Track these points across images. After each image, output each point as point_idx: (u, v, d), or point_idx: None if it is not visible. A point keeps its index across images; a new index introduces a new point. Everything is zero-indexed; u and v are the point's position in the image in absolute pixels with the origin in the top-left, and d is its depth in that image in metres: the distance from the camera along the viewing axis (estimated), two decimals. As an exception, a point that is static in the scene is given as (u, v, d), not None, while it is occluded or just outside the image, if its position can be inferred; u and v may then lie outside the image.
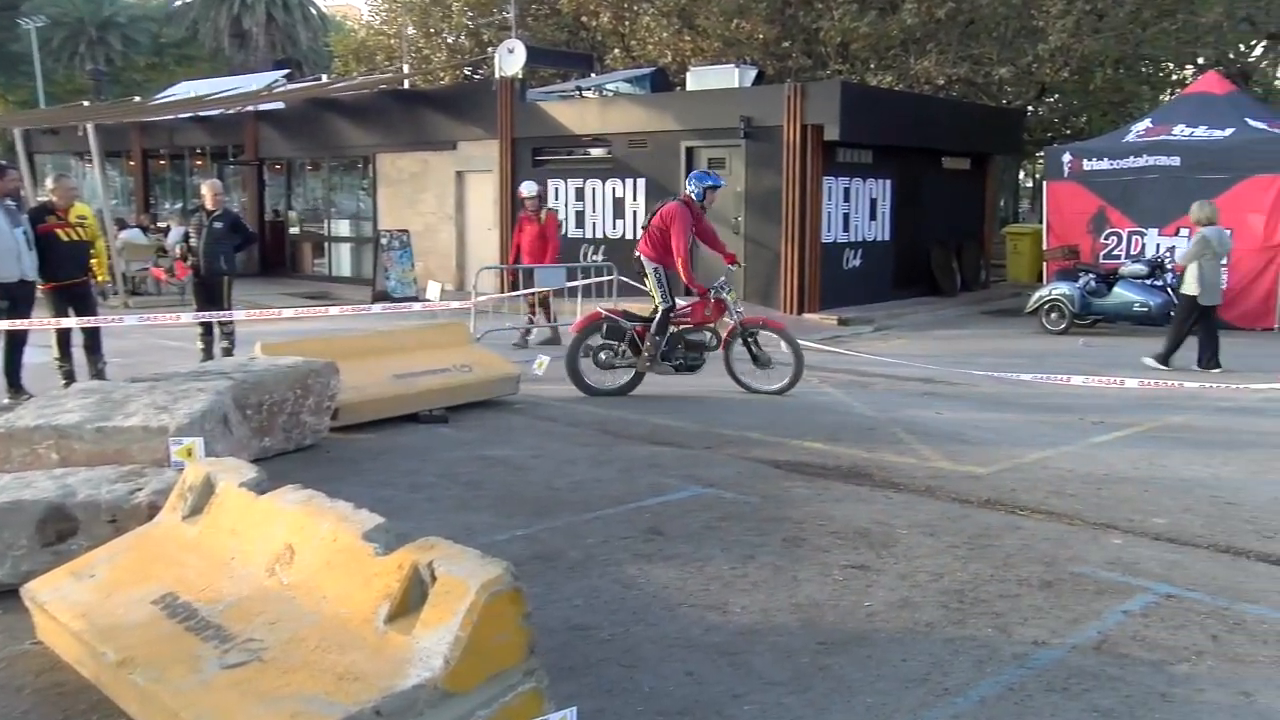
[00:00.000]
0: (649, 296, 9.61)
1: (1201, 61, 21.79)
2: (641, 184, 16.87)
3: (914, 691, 3.69)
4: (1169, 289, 13.40)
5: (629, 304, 10.65)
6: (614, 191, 17.26)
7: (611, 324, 9.45)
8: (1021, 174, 32.69)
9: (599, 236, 17.35)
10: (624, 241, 16.98)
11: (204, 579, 3.58)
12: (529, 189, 12.80)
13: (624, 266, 13.19)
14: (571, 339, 9.70)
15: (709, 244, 9.87)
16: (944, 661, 3.93)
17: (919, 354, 11.90)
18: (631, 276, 13.06)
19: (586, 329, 9.55)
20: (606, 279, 12.79)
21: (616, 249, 16.45)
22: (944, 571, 4.88)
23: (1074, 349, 12.47)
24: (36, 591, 3.95)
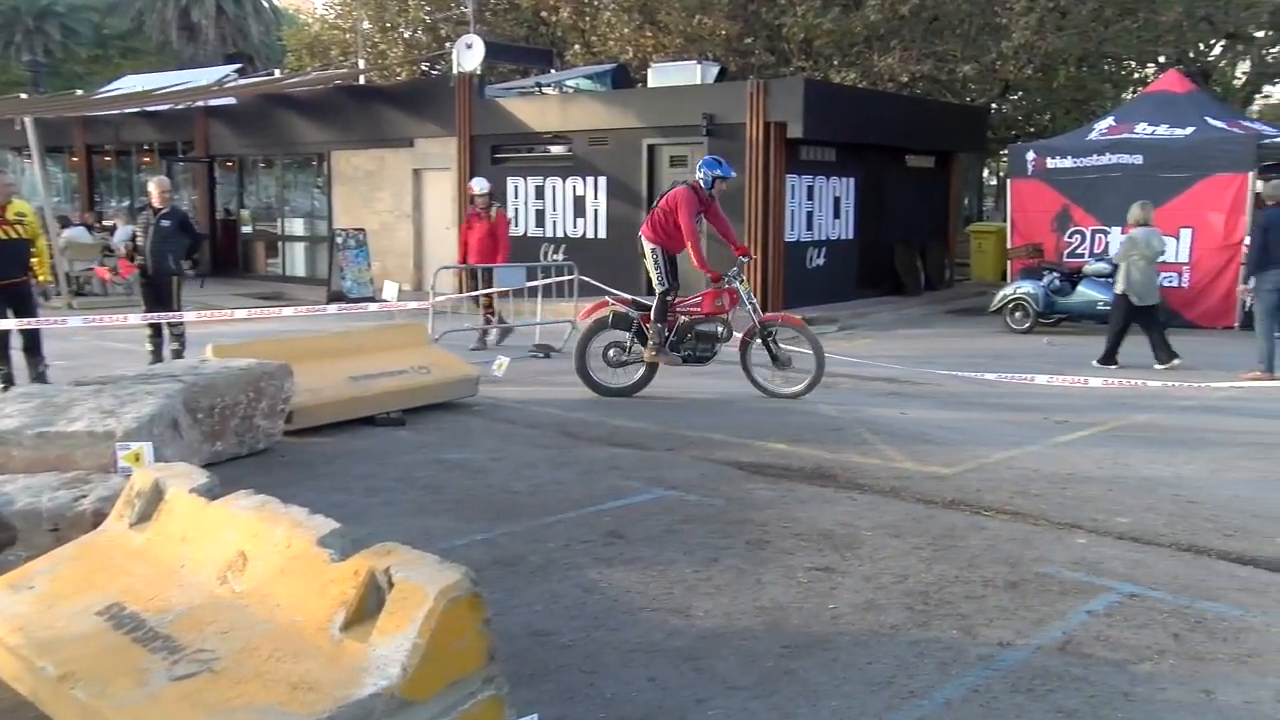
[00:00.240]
0: (620, 298, 9.58)
1: (1162, 60, 22.15)
2: (603, 182, 16.87)
3: (879, 695, 3.72)
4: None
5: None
6: (574, 190, 17.25)
7: (618, 313, 9.39)
8: (986, 172, 33.02)
9: (559, 235, 17.34)
10: (585, 240, 16.99)
11: (152, 588, 3.53)
12: (480, 186, 12.74)
13: (585, 266, 13.19)
14: (579, 336, 9.61)
15: (720, 233, 9.79)
16: (909, 664, 3.96)
17: (883, 354, 12.00)
18: (594, 276, 13.09)
19: (593, 322, 9.48)
20: (567, 279, 12.77)
21: (577, 248, 16.45)
22: (909, 573, 4.92)
23: (1038, 348, 12.63)
24: (-29, 605, 3.87)
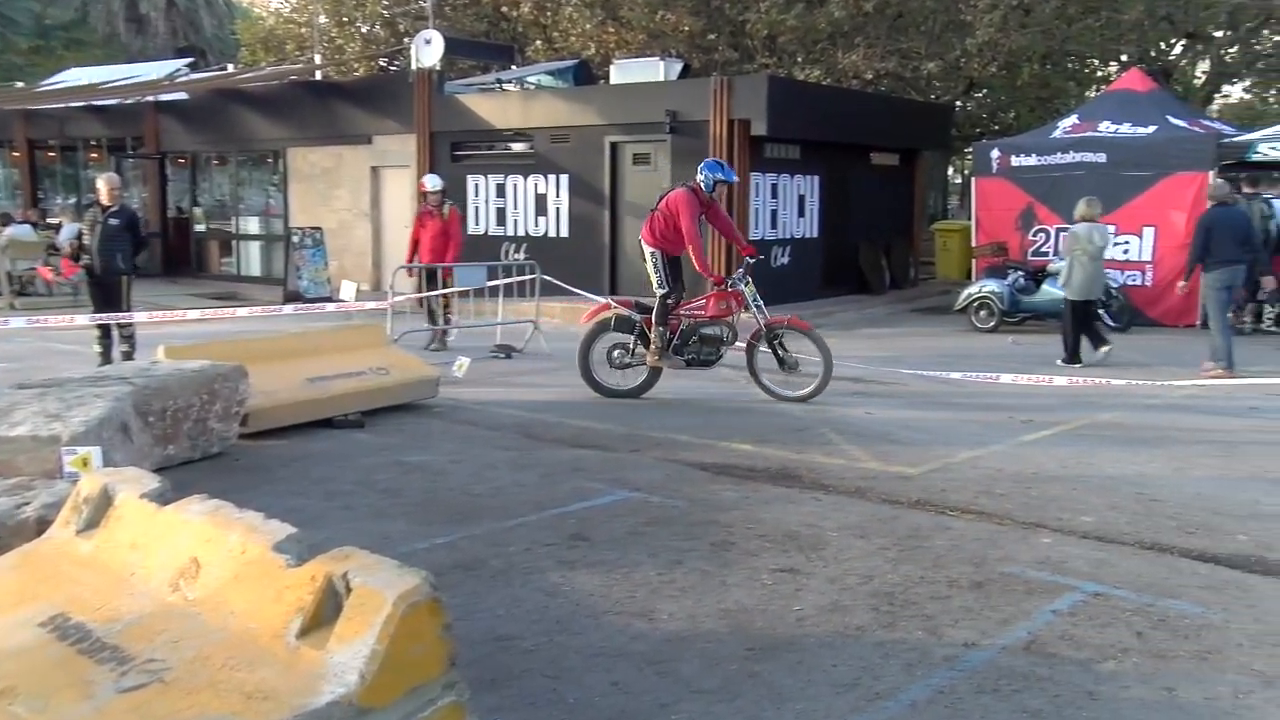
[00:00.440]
0: (583, 297, 9.57)
1: (1125, 59, 22.48)
2: (564, 180, 16.85)
3: (844, 697, 3.74)
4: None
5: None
6: (536, 187, 17.21)
7: (620, 316, 9.36)
8: (950, 170, 33.34)
9: (521, 234, 17.30)
10: (547, 239, 16.96)
11: (100, 597, 3.48)
12: (433, 183, 12.66)
13: (547, 265, 13.16)
14: (582, 338, 9.60)
15: (725, 235, 9.77)
16: (874, 665, 3.99)
17: (848, 353, 12.06)
18: (556, 275, 13.06)
19: (596, 324, 9.45)
20: (529, 278, 12.74)
21: (539, 247, 16.41)
22: (874, 574, 4.96)
23: (1003, 347, 12.76)
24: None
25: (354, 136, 19.13)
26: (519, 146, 17.38)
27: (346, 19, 27.28)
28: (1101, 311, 13.73)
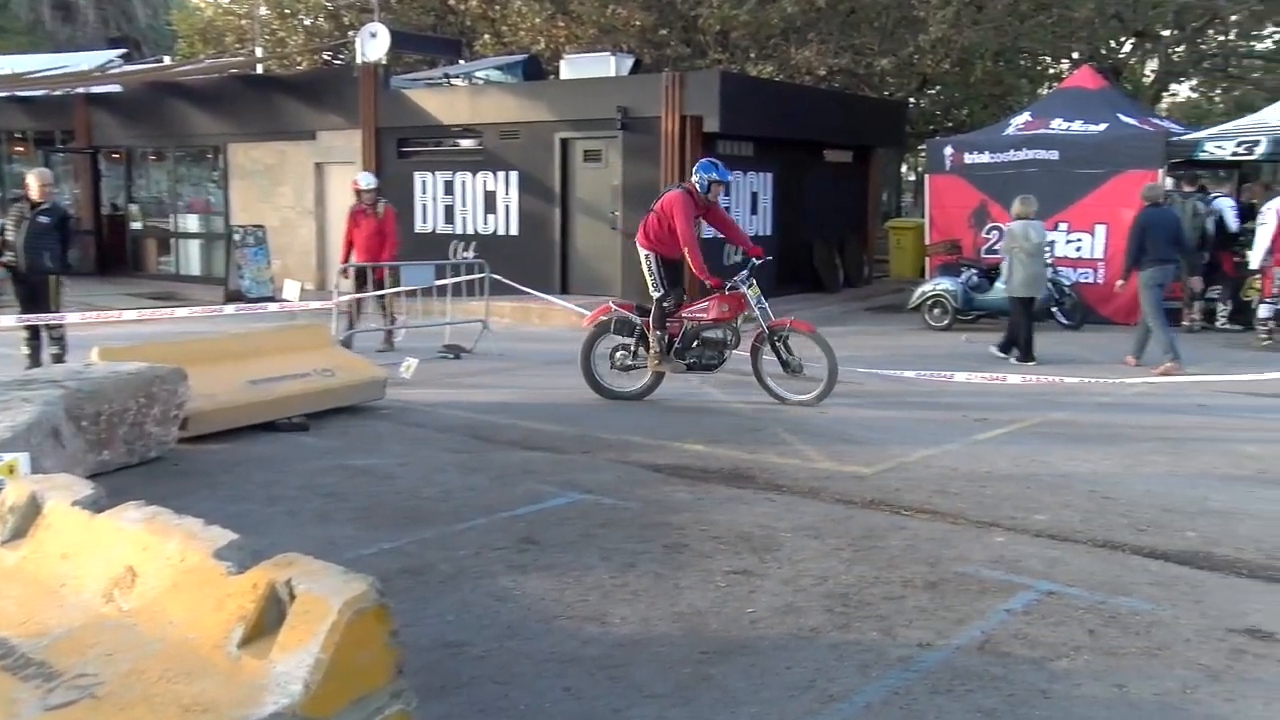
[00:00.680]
0: (533, 296, 9.55)
1: (1076, 56, 22.85)
2: (514, 177, 16.80)
3: (799, 699, 3.77)
4: (1049, 283, 14.00)
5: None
6: (485, 184, 17.14)
7: (620, 318, 9.31)
8: (904, 167, 33.72)
9: (470, 232, 17.21)
10: (496, 238, 16.90)
11: (26, 611, 3.40)
12: (367, 181, 12.51)
13: (497, 264, 13.11)
14: (583, 339, 9.54)
15: (728, 236, 9.66)
16: (829, 667, 4.02)
17: (802, 352, 12.14)
18: (506, 274, 13.02)
19: (595, 326, 9.40)
20: (478, 277, 12.68)
21: (489, 245, 16.34)
22: (828, 575, 5.00)
23: (957, 345, 12.91)
24: None
25: (297, 132, 18.92)
26: (467, 143, 17.30)
27: (288, 11, 27.00)
28: (1054, 309, 13.99)
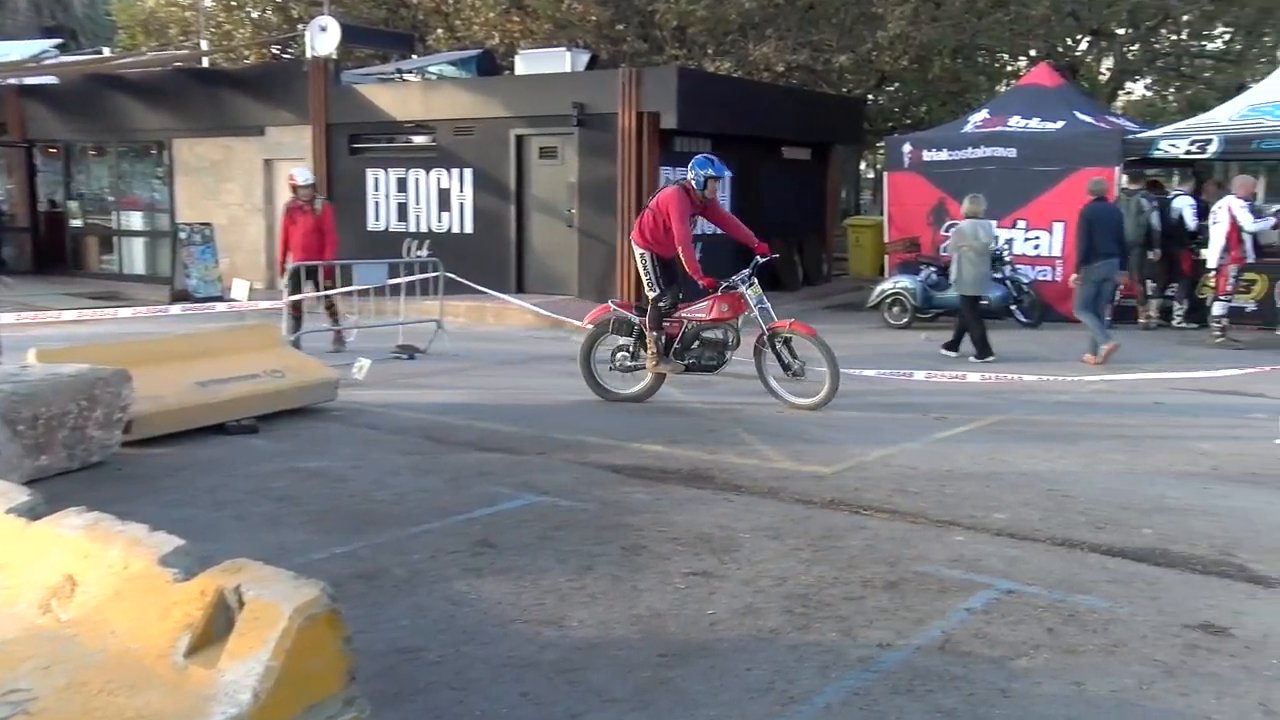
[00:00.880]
0: (489, 295, 9.50)
1: (1033, 53, 23.16)
2: (469, 174, 16.74)
3: (759, 701, 3.79)
4: (1008, 281, 14.18)
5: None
6: (439, 182, 17.06)
7: (618, 318, 9.24)
8: (863, 165, 33.95)
9: (423, 230, 17.11)
10: (450, 236, 16.82)
11: (-46, 625, 3.34)
12: (303, 176, 12.33)
13: (451, 262, 13.04)
14: (583, 340, 9.48)
15: (731, 233, 9.50)
16: (788, 669, 4.04)
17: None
18: (460, 272, 12.95)
19: (595, 327, 9.34)
20: (432, 276, 12.61)
21: (443, 244, 16.23)
22: (788, 575, 5.02)
23: (916, 344, 13.02)
24: None
25: (245, 128, 18.71)
26: (420, 139, 17.20)
27: (235, 3, 26.66)
28: (1013, 308, 14.16)
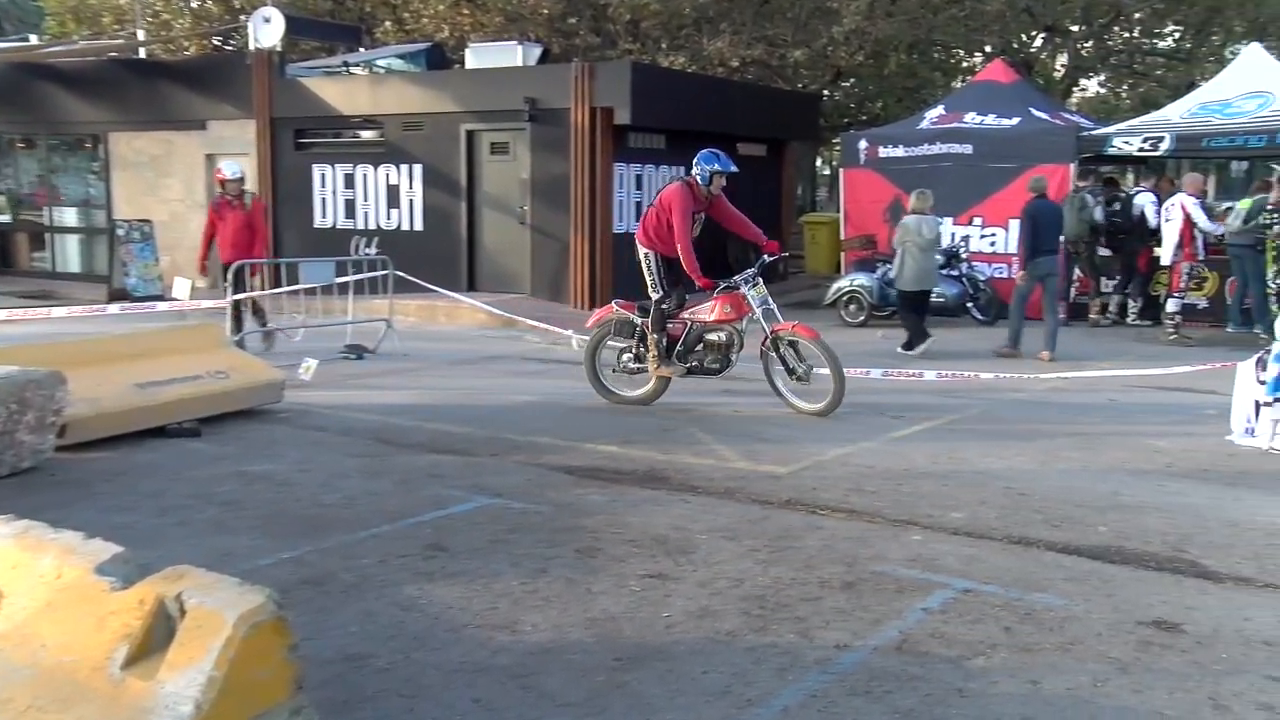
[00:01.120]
0: (439, 294, 9.43)
1: (989, 49, 23.44)
2: (418, 170, 16.64)
3: (716, 705, 3.80)
4: (964, 279, 14.35)
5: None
6: (388, 178, 16.94)
7: (621, 320, 9.15)
8: (819, 161, 34.13)
9: (372, 227, 17.00)
10: (399, 233, 16.71)
11: None
12: (232, 170, 12.13)
13: (401, 260, 12.96)
14: (587, 342, 9.41)
15: (737, 231, 9.41)
16: (746, 671, 4.06)
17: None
18: (410, 270, 12.87)
19: (599, 328, 9.27)
20: (381, 274, 12.52)
21: (392, 241, 16.15)
22: (744, 577, 5.04)
23: (873, 341, 13.12)
24: None
25: (186, 121, 18.45)
26: (368, 134, 17.07)
27: (174, -8, 26.31)
28: (969, 305, 14.32)
